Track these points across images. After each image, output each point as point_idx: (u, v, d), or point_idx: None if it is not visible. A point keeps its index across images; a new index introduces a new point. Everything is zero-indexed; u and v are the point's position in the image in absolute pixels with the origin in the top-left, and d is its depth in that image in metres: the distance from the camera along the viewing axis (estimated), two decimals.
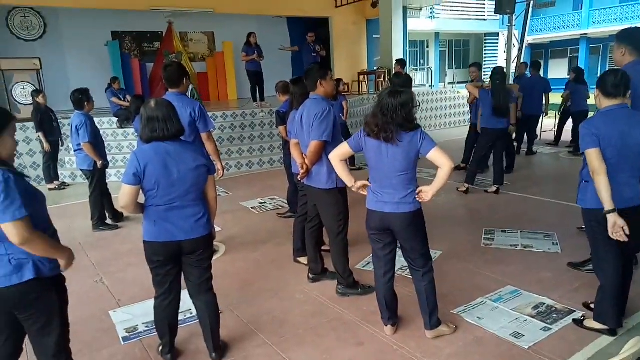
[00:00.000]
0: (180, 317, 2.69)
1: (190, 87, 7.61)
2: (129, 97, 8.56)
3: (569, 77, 8.82)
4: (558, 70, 26.40)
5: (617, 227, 2.39)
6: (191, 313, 2.99)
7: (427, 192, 2.48)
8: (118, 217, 5.36)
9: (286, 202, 5.53)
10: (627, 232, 2.40)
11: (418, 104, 2.49)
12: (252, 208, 5.82)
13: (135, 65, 11.60)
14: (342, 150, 2.67)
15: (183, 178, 2.31)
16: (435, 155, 2.41)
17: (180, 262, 2.46)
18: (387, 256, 2.70)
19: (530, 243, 4.09)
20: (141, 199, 2.34)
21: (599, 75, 2.77)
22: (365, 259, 3.95)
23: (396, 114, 2.38)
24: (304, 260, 3.85)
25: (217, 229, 4.93)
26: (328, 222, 3.30)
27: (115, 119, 8.57)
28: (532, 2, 13.21)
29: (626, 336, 2.64)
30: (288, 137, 3.95)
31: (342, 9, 13.57)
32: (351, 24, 14.29)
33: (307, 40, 10.44)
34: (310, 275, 3.62)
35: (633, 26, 3.55)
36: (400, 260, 2.85)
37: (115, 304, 3.39)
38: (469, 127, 7.48)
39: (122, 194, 2.30)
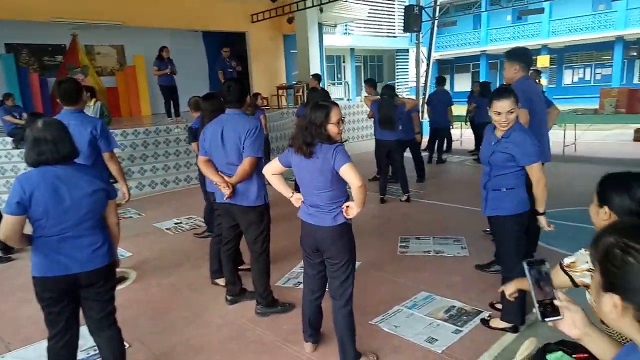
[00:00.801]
0: (82, 355, 2.44)
1: (99, 103, 7.16)
2: (25, 115, 7.84)
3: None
4: (463, 83, 28.53)
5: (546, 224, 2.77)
6: (95, 350, 2.74)
7: (352, 208, 2.40)
8: (8, 248, 4.82)
9: (203, 220, 5.32)
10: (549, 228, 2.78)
11: (342, 118, 2.41)
12: (166, 229, 5.54)
13: (35, 80, 10.69)
14: (274, 165, 2.63)
15: (77, 205, 2.11)
16: (344, 172, 2.32)
17: (77, 297, 2.23)
18: (315, 276, 2.64)
19: (441, 248, 4.30)
20: (28, 229, 2.11)
21: (497, 86, 3.08)
22: (285, 275, 3.91)
23: (311, 128, 2.34)
24: (221, 282, 3.71)
25: (126, 254, 4.67)
26: (252, 240, 3.19)
27: (9, 139, 7.79)
28: (436, 22, 14.15)
29: (528, 331, 2.83)
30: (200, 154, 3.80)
31: (259, 24, 13.59)
32: (268, 39, 14.34)
33: (222, 55, 10.28)
34: (228, 297, 3.49)
35: (521, 45, 3.91)
36: None
37: (4, 347, 3.01)
38: None
39: (4, 225, 2.05)
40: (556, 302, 1.10)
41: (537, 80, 9.29)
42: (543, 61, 23.43)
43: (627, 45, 22.33)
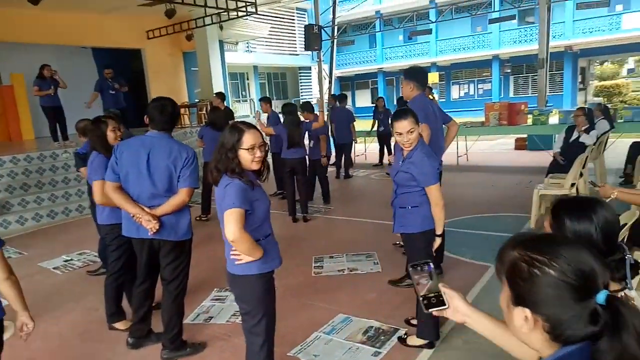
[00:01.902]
0: None
1: None
2: None
3: (373, 105, 9.98)
4: (363, 99, 29.88)
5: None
6: None
7: (241, 256, 2.09)
8: None
9: (97, 255, 4.79)
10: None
11: (262, 144, 2.11)
12: (54, 269, 4.90)
13: None
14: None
15: None
16: (224, 218, 2.01)
17: None
18: None
19: (355, 265, 4.30)
20: None
21: (394, 101, 3.20)
22: (195, 310, 3.62)
23: (221, 151, 2.09)
24: (120, 325, 3.32)
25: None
26: (170, 278, 2.86)
27: None
28: (335, 40, 14.63)
29: (443, 345, 2.89)
30: (89, 181, 3.40)
31: (156, 41, 12.98)
32: (167, 55, 13.77)
33: (103, 75, 9.50)
34: (131, 340, 3.11)
35: (416, 65, 4.11)
36: None
37: None
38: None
39: None
40: (442, 292, 1.15)
41: (430, 97, 9.97)
42: (433, 78, 25.34)
43: (502, 63, 24.99)
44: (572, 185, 4.68)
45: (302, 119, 6.49)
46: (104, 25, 11.67)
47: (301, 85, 27.74)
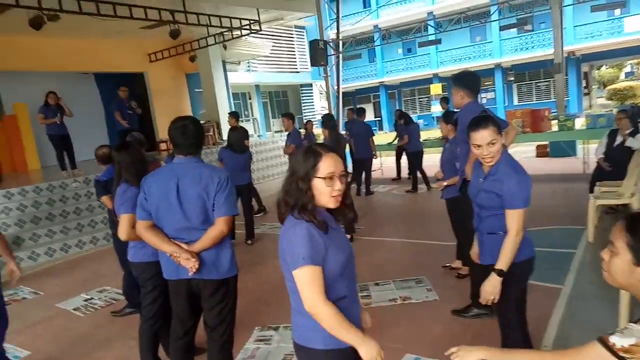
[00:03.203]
0: None
1: None
2: None
3: (377, 119, 9.68)
4: (366, 113, 29.65)
5: None
6: None
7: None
8: None
9: (121, 293, 4.43)
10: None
11: (343, 173, 1.66)
12: (74, 310, 4.51)
13: None
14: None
15: None
16: (296, 280, 1.59)
17: None
18: None
19: (407, 294, 3.92)
20: None
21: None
22: (238, 356, 3.23)
23: (291, 181, 1.66)
24: None
25: (22, 354, 3.64)
26: (216, 323, 2.48)
27: None
28: (341, 55, 14.44)
29: None
30: (117, 212, 3.05)
31: (158, 64, 12.80)
32: (170, 78, 13.57)
33: (119, 96, 9.29)
34: None
35: (467, 69, 3.76)
36: None
37: None
38: None
39: None
40: None
41: (444, 108, 9.70)
42: (436, 89, 25.26)
43: (505, 72, 24.89)
44: (632, 195, 4.34)
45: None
46: (105, 50, 11.48)
47: (303, 103, 27.61)
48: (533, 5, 13.13)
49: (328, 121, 6.35)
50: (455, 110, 3.85)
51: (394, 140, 9.87)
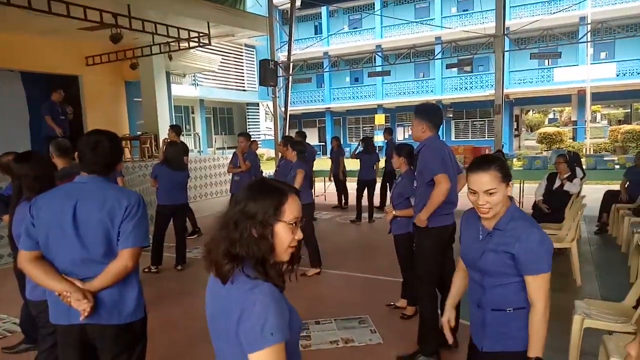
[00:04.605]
0: None
1: None
2: None
3: (321, 143, 9.56)
4: (311, 138, 29.62)
5: None
6: None
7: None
8: None
9: (18, 324, 3.78)
10: None
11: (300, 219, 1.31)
12: None
13: None
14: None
15: None
16: None
17: None
18: None
19: (349, 335, 3.63)
20: None
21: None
22: None
23: (243, 225, 1.25)
24: None
25: None
26: None
27: None
28: (291, 77, 14.33)
29: None
30: (15, 240, 2.56)
31: (95, 68, 11.98)
32: (107, 84, 12.75)
33: (52, 98, 8.49)
34: None
35: (428, 102, 3.62)
36: None
37: None
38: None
39: None
40: None
41: (387, 139, 9.75)
42: (380, 119, 25.92)
43: (445, 108, 26.02)
44: (572, 239, 4.39)
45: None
46: (36, 47, 10.56)
47: (249, 121, 27.21)
48: (476, 48, 13.78)
49: (296, 144, 5.89)
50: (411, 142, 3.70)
51: (331, 168, 9.67)
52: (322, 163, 13.42)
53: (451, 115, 26.36)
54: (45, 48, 10.73)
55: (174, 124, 8.47)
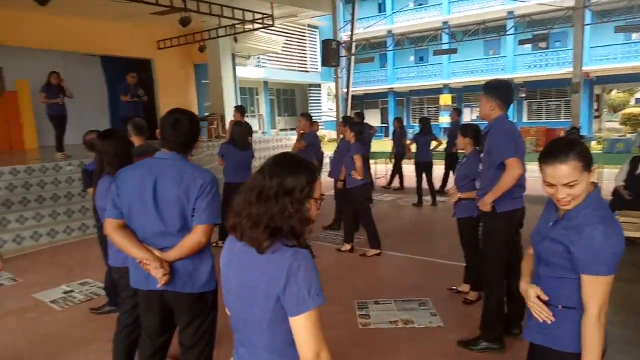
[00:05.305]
0: None
1: None
2: None
3: (383, 124, 9.43)
4: (373, 119, 29.41)
5: None
6: None
7: None
8: None
9: (104, 288, 4.14)
10: None
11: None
12: (51, 302, 4.22)
13: None
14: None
15: None
16: (296, 325, 1.27)
17: None
18: None
19: (409, 317, 3.62)
20: None
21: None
22: None
23: (281, 201, 1.29)
24: None
25: None
26: (191, 342, 2.19)
27: None
28: (353, 57, 14.17)
29: None
30: (99, 211, 2.79)
31: (166, 51, 12.52)
32: (177, 67, 13.31)
33: (127, 81, 9.04)
34: None
35: (498, 78, 3.43)
36: None
37: None
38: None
39: None
40: None
41: (455, 119, 9.40)
42: (445, 99, 24.99)
43: (517, 88, 24.60)
44: None
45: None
46: (113, 33, 11.21)
47: (310, 103, 27.35)
48: (553, 22, 12.81)
49: (355, 125, 5.77)
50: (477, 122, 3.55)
51: (393, 149, 9.56)
52: (383, 145, 13.25)
53: (524, 95, 24.89)
54: (121, 33, 11.36)
55: (239, 104, 8.70)
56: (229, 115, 10.88)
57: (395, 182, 9.96)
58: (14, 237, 6.11)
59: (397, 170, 9.76)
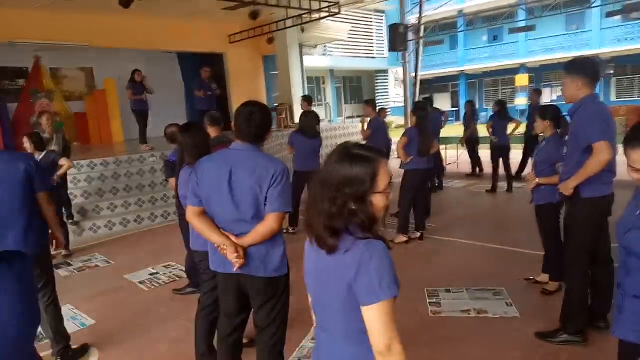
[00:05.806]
0: None
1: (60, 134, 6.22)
2: None
3: (454, 108, 9.04)
4: (442, 102, 28.46)
5: None
6: None
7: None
8: None
9: (184, 271, 4.45)
10: None
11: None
12: (140, 283, 4.61)
13: None
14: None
15: None
16: (369, 316, 1.27)
17: None
18: None
19: (482, 306, 3.53)
20: None
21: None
22: (294, 354, 3.06)
23: (341, 198, 1.27)
24: None
25: (87, 322, 3.75)
26: (265, 323, 2.31)
27: None
28: (421, 41, 13.77)
29: None
30: (181, 199, 2.99)
31: (237, 45, 12.93)
32: (247, 60, 13.70)
33: (201, 76, 9.49)
34: None
35: (582, 55, 3.19)
36: None
37: None
38: None
39: None
40: None
41: (535, 101, 8.77)
42: (522, 80, 23.53)
43: (604, 64, 22.58)
44: None
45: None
46: (190, 30, 11.75)
47: (377, 89, 27.01)
48: None
49: (417, 109, 5.57)
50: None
51: (464, 134, 9.14)
52: (453, 129, 12.78)
53: (612, 72, 22.83)
54: (195, 29, 11.88)
55: (306, 94, 8.81)
56: (297, 105, 11.07)
57: (467, 168, 9.61)
58: (106, 222, 6.70)
59: (472, 156, 9.39)
